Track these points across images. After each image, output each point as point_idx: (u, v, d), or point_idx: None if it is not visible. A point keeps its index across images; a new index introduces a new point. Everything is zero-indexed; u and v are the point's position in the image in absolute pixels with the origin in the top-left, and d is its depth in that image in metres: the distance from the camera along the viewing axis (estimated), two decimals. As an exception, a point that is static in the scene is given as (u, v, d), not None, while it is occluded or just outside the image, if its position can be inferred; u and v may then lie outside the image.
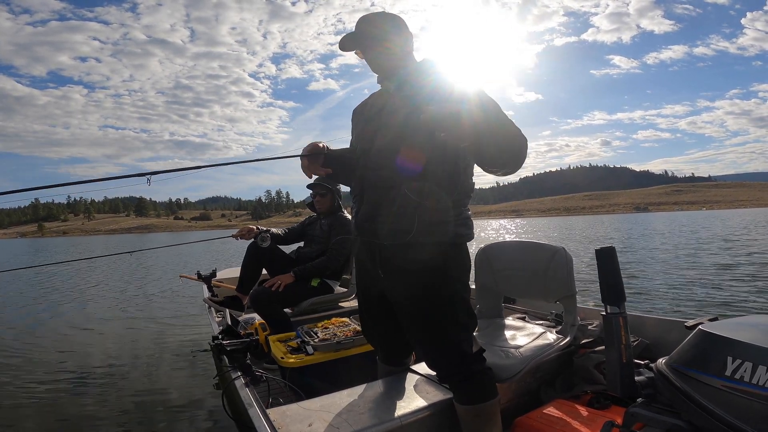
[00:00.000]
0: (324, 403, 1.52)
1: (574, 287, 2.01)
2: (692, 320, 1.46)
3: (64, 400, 2.98)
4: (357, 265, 1.64)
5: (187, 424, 2.55)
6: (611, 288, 1.36)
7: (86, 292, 8.71)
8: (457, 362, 1.41)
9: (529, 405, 1.74)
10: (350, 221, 3.05)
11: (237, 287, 3.15)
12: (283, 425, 1.37)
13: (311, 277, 2.94)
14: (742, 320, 1.35)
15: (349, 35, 1.48)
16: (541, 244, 2.19)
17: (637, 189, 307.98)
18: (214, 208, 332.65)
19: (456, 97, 1.30)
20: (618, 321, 1.32)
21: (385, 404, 1.50)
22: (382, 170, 1.39)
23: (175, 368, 3.60)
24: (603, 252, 1.38)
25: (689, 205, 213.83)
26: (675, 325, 1.94)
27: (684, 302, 5.59)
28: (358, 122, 1.59)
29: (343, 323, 2.37)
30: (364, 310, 1.69)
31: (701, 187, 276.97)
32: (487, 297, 2.40)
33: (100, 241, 70.24)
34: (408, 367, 1.77)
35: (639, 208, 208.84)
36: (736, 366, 1.05)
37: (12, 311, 6.84)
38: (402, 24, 1.48)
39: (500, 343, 1.89)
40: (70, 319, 6.01)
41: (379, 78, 1.52)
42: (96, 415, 2.73)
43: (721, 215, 55.99)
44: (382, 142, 1.41)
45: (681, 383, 1.15)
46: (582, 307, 2.23)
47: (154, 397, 2.97)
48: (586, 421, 1.50)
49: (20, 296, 8.38)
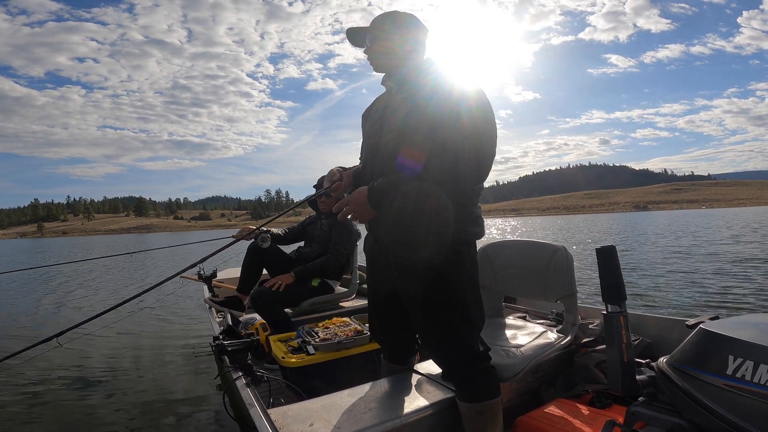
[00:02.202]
0: (325, 403, 1.52)
1: (575, 286, 2.01)
2: (693, 319, 1.46)
3: (64, 401, 2.98)
4: (368, 263, 1.65)
5: (189, 424, 2.55)
6: (612, 287, 1.36)
7: (86, 292, 8.70)
8: (465, 359, 1.42)
9: (530, 404, 1.75)
10: (352, 222, 3.05)
11: (237, 287, 3.15)
12: (284, 425, 1.37)
13: (311, 278, 2.94)
14: (743, 319, 1.35)
15: (355, 29, 1.51)
16: (541, 243, 2.19)
17: (636, 187, 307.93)
18: (214, 207, 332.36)
19: (456, 97, 1.30)
20: (619, 320, 1.32)
21: (387, 404, 1.51)
22: (389, 171, 1.39)
23: (176, 369, 3.60)
24: (604, 251, 1.38)
25: (689, 203, 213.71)
26: (676, 324, 1.94)
27: (685, 301, 5.58)
28: (365, 125, 1.61)
29: (343, 323, 2.37)
30: (373, 308, 1.70)
31: (701, 186, 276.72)
32: (487, 296, 2.39)
33: (100, 241, 70.23)
34: (411, 367, 1.77)
35: (639, 207, 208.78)
36: (737, 365, 1.05)
37: (11, 311, 6.83)
38: (405, 23, 1.48)
39: (501, 343, 1.89)
40: (70, 320, 5.99)
41: (383, 78, 1.53)
42: (97, 415, 2.73)
43: (721, 214, 55.98)
44: (386, 142, 1.42)
45: (682, 382, 1.15)
46: (583, 306, 2.23)
47: (155, 398, 2.97)
48: (587, 421, 1.50)
49: (20, 296, 8.38)
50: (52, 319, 6.16)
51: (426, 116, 1.30)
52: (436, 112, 1.29)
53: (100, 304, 7.14)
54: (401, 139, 1.35)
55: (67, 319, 6.01)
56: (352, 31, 1.53)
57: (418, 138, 1.31)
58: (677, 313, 4.60)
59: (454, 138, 1.26)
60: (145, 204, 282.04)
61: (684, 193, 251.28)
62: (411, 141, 1.32)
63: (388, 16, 1.49)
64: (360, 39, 1.53)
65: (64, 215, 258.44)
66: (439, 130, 1.28)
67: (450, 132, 1.27)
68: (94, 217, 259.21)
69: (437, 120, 1.28)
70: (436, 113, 1.29)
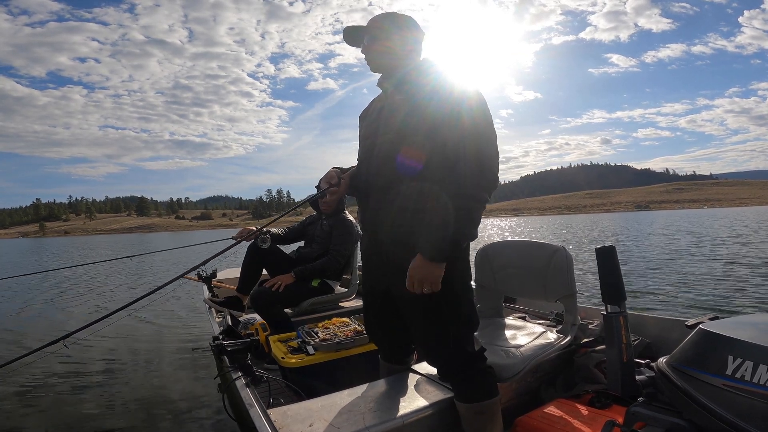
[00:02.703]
0: (325, 403, 1.52)
1: (575, 286, 2.01)
2: (693, 319, 1.46)
3: (64, 401, 2.98)
4: (364, 263, 1.65)
5: (189, 425, 2.55)
6: (611, 287, 1.36)
7: (86, 292, 8.71)
8: (460, 360, 1.42)
9: (530, 404, 1.74)
10: (352, 223, 3.05)
11: (237, 287, 3.15)
12: (284, 425, 1.37)
13: (312, 278, 2.94)
14: (743, 319, 1.35)
15: (353, 28, 1.50)
16: (541, 243, 2.19)
17: (638, 187, 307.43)
18: (215, 207, 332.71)
19: (457, 97, 1.30)
20: (618, 320, 1.32)
21: (386, 404, 1.51)
22: (385, 171, 1.39)
23: (176, 369, 3.60)
24: (603, 251, 1.38)
25: (691, 203, 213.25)
26: (676, 324, 1.94)
27: (685, 301, 5.57)
28: (362, 126, 1.60)
29: (343, 323, 2.37)
30: (368, 308, 1.69)
31: (703, 185, 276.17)
32: (487, 296, 2.40)
33: (102, 240, 70.33)
34: (409, 367, 1.77)
35: (640, 207, 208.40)
36: (737, 365, 1.05)
37: (11, 311, 6.85)
38: (405, 24, 1.48)
39: (501, 343, 1.89)
40: (69, 320, 6.02)
41: (379, 80, 1.53)
42: (97, 415, 2.73)
43: (723, 213, 55.81)
44: (382, 142, 1.41)
45: (682, 382, 1.15)
46: (582, 306, 2.23)
47: (155, 398, 2.97)
48: (587, 421, 1.50)
49: (20, 296, 8.40)
50: (55, 321, 6.16)
51: (427, 116, 1.30)
52: (436, 112, 1.29)
53: (102, 305, 7.14)
54: (401, 139, 1.35)
55: (69, 322, 6.02)
56: (352, 29, 1.51)
57: (419, 138, 1.31)
58: (677, 314, 4.59)
59: (454, 138, 1.26)
60: (146, 204, 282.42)
61: (686, 193, 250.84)
62: (411, 141, 1.32)
63: (388, 17, 1.48)
64: (357, 38, 1.51)
65: (66, 215, 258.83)
66: (439, 130, 1.28)
67: (451, 132, 1.27)
68: (96, 217, 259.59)
69: (438, 120, 1.28)
70: (437, 113, 1.29)
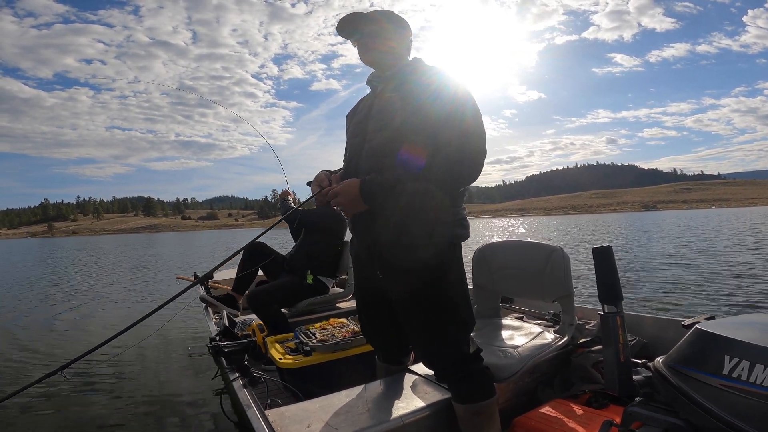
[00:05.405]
0: (322, 404, 1.52)
1: (572, 287, 2.00)
2: (689, 319, 1.45)
3: (61, 402, 2.98)
4: (355, 265, 1.64)
5: (186, 426, 2.54)
6: (608, 287, 1.35)
7: (86, 292, 8.77)
8: (456, 361, 1.41)
9: (528, 405, 1.73)
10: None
11: (233, 287, 3.15)
12: (281, 426, 1.37)
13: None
14: (739, 319, 1.34)
15: (351, 19, 1.46)
16: (538, 244, 2.18)
17: (645, 187, 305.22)
18: (221, 207, 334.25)
19: (461, 97, 1.30)
20: (615, 320, 1.31)
21: (384, 405, 1.50)
22: (378, 169, 1.37)
23: (173, 370, 3.58)
24: (600, 252, 1.37)
25: (699, 203, 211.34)
26: (672, 324, 1.93)
27: (681, 301, 5.54)
28: (350, 125, 1.59)
29: (341, 324, 2.37)
30: (363, 310, 1.68)
31: (710, 185, 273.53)
32: (484, 297, 2.39)
33: (110, 240, 70.77)
34: (406, 367, 1.77)
35: (647, 207, 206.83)
36: (733, 365, 1.04)
37: (11, 311, 6.89)
38: (402, 24, 1.49)
39: (498, 343, 1.88)
40: (68, 320, 6.05)
41: (370, 78, 1.52)
42: (94, 416, 2.73)
43: (731, 214, 55.29)
44: (373, 142, 1.40)
45: (679, 382, 1.14)
46: (579, 307, 2.21)
47: (152, 399, 2.96)
48: (584, 421, 1.49)
49: (20, 296, 8.46)
50: (50, 319, 6.17)
51: (430, 116, 1.29)
52: (440, 112, 1.29)
53: (98, 304, 7.20)
54: (401, 138, 1.33)
55: (65, 320, 6.05)
56: (352, 17, 1.46)
57: (421, 138, 1.30)
58: (674, 314, 4.55)
59: (459, 138, 1.26)
60: (153, 204, 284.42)
61: (693, 193, 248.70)
62: (412, 140, 1.31)
63: (387, 15, 1.47)
64: (351, 31, 1.48)
65: (74, 215, 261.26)
66: (443, 130, 1.27)
67: (453, 132, 1.26)
68: (104, 217, 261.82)
69: (441, 120, 1.28)
70: (441, 113, 1.28)
